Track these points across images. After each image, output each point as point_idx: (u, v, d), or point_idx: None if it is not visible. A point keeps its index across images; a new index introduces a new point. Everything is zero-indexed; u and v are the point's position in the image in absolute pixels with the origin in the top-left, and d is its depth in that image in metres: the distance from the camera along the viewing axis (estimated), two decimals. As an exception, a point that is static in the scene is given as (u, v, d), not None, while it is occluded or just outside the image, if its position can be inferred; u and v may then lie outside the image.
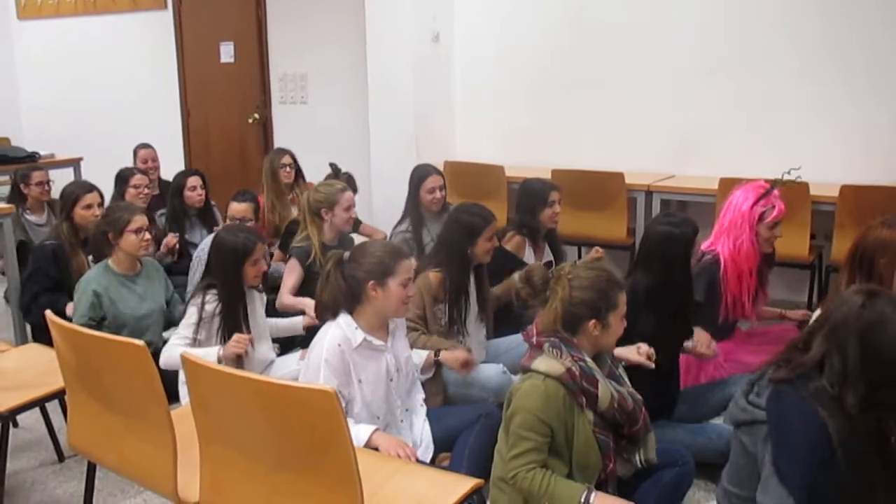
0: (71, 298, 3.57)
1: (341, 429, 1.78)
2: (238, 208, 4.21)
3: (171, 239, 4.44)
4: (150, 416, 2.15)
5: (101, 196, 4.18)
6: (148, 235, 3.56)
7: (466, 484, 2.09)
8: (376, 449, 2.39)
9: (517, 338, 3.36)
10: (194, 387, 2.03)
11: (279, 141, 6.66)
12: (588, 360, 2.27)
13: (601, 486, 2.25)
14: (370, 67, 5.56)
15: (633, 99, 5.19)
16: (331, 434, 1.79)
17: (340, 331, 2.54)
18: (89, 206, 4.04)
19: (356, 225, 4.64)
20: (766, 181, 3.48)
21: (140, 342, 2.10)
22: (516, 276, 3.51)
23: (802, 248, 4.27)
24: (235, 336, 2.95)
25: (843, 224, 4.15)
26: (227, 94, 6.87)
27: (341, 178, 4.58)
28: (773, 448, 1.91)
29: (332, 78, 6.28)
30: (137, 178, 4.74)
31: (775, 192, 3.40)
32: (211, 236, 4.05)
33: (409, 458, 2.35)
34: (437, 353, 2.96)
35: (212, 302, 3.05)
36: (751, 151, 4.79)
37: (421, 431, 2.72)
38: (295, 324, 3.50)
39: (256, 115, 6.72)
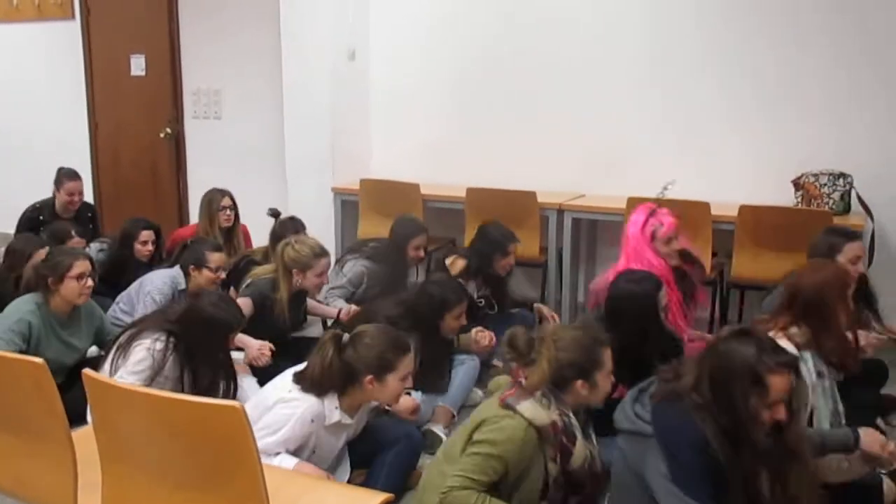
0: None
1: (248, 446, 1.76)
2: (216, 257, 3.92)
3: None
4: (48, 436, 2.07)
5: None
6: (90, 282, 3.36)
7: (377, 499, 2.08)
8: None
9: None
10: (96, 404, 1.98)
11: (192, 156, 6.54)
12: (572, 417, 2.29)
13: None
14: (286, 84, 5.54)
15: (546, 118, 5.30)
16: (238, 452, 1.77)
17: (320, 407, 2.50)
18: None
19: None
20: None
21: (39, 360, 2.03)
22: (473, 332, 3.60)
23: (705, 266, 4.43)
24: None
25: (742, 242, 4.35)
26: (138, 107, 6.69)
27: (285, 222, 4.46)
28: (666, 460, 2.01)
29: (246, 93, 6.21)
30: (76, 242, 4.30)
31: (661, 209, 3.54)
32: (164, 274, 3.88)
33: None
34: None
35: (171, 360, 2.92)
36: (660, 170, 4.95)
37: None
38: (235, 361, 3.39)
39: (168, 130, 6.58)
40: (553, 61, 5.24)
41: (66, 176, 5.12)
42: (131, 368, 2.86)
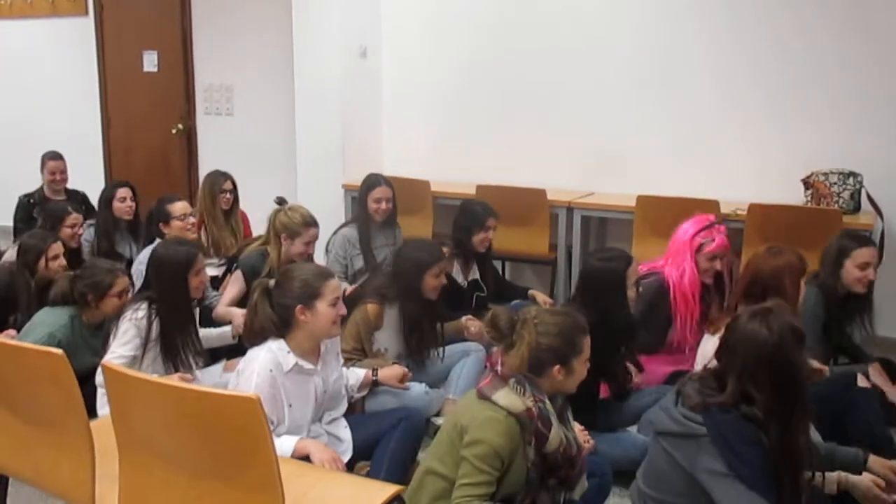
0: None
1: (264, 436, 1.79)
2: (178, 206, 4.19)
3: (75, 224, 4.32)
4: (67, 426, 2.11)
5: (65, 245, 3.96)
6: (129, 297, 3.36)
7: (388, 491, 2.12)
8: (307, 457, 2.41)
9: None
10: (115, 395, 2.01)
11: (204, 152, 6.58)
12: (547, 402, 2.29)
13: None
14: (297, 81, 5.57)
15: (557, 117, 5.32)
16: (253, 441, 1.80)
17: (272, 355, 2.55)
18: (56, 258, 3.79)
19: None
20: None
21: (58, 351, 2.07)
22: (464, 319, 3.67)
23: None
24: (178, 377, 2.88)
25: (751, 240, 4.35)
26: (151, 103, 6.75)
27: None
28: (725, 459, 2.03)
29: (258, 90, 6.25)
30: (73, 218, 4.39)
31: (718, 226, 3.55)
32: (147, 250, 3.90)
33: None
34: (374, 372, 3.00)
35: (154, 324, 3.00)
36: (669, 169, 4.98)
37: (342, 435, 2.75)
38: (224, 335, 3.50)
39: (180, 126, 6.62)
40: (564, 60, 5.26)
41: (48, 157, 5.33)
42: (120, 341, 2.98)
